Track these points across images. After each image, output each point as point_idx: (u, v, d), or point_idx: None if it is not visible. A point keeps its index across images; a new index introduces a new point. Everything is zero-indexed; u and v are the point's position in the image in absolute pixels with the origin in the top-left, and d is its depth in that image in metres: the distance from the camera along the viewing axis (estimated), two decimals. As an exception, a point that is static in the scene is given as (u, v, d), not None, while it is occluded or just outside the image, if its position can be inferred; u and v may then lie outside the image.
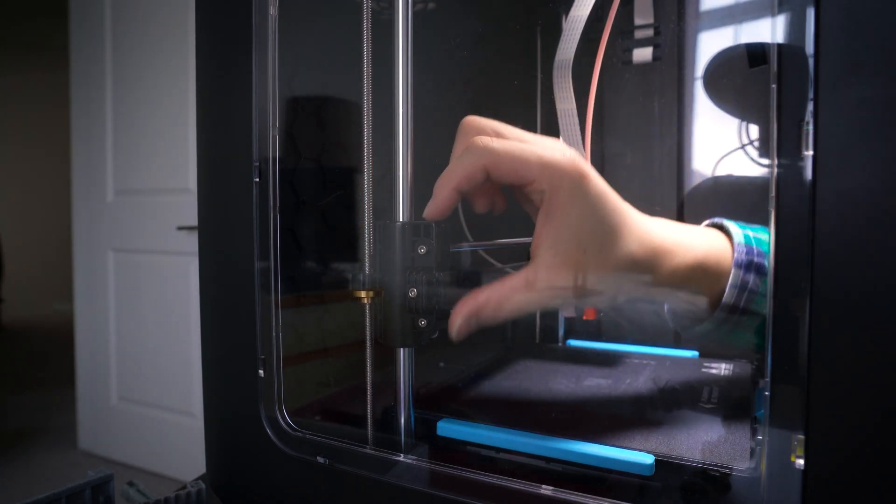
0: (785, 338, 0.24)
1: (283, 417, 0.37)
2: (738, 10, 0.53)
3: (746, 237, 0.35)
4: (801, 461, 0.23)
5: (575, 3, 0.44)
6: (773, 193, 0.24)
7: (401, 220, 0.33)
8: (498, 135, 0.32)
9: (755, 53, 0.46)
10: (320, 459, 0.35)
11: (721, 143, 0.53)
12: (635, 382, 0.45)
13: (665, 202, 0.56)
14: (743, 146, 0.51)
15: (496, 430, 0.34)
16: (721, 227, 0.37)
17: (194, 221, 1.43)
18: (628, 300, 0.38)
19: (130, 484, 0.38)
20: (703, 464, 0.30)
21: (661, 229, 0.33)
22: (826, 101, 0.22)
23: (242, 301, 0.37)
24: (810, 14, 0.23)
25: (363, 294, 0.33)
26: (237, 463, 0.39)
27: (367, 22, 0.34)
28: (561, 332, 0.63)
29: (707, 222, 0.39)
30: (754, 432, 0.34)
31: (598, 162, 0.57)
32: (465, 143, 0.32)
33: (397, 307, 0.33)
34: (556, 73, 0.46)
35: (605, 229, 0.30)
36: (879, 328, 0.22)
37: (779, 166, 0.24)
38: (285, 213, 0.37)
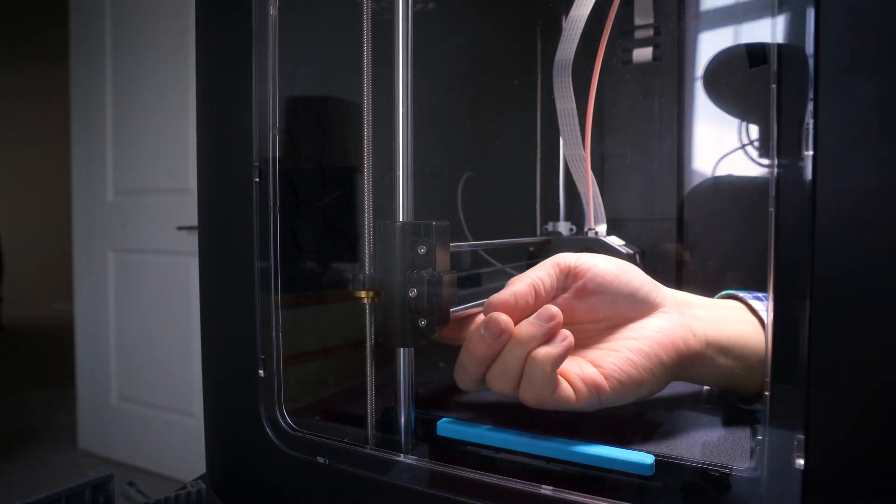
0: (785, 338, 0.24)
1: (283, 417, 0.37)
2: (738, 10, 0.53)
3: None
4: (801, 461, 0.23)
5: (575, 3, 0.44)
6: (773, 193, 0.24)
7: (401, 220, 0.33)
8: None
9: (755, 53, 0.46)
10: (320, 459, 0.35)
11: (721, 143, 0.53)
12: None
13: (665, 202, 0.56)
14: (743, 146, 0.51)
15: (496, 430, 0.34)
16: (736, 298, 0.38)
17: (194, 221, 1.42)
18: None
19: (130, 484, 0.38)
20: (703, 464, 0.30)
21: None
22: (826, 101, 0.22)
23: (242, 301, 0.37)
24: (810, 14, 0.23)
25: (363, 294, 0.33)
26: (237, 463, 0.39)
27: (367, 22, 0.34)
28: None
29: (722, 294, 0.39)
30: (754, 432, 0.34)
31: (598, 162, 0.57)
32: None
33: (397, 307, 0.33)
34: (556, 73, 0.46)
35: None
36: (879, 328, 0.22)
37: (779, 166, 0.24)
38: (285, 213, 0.37)
